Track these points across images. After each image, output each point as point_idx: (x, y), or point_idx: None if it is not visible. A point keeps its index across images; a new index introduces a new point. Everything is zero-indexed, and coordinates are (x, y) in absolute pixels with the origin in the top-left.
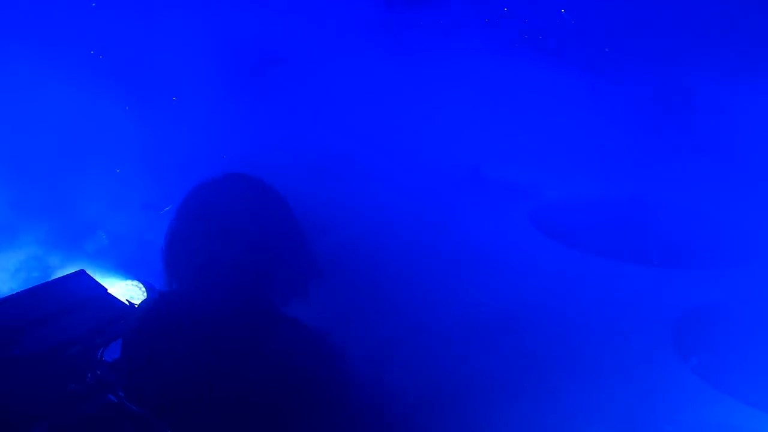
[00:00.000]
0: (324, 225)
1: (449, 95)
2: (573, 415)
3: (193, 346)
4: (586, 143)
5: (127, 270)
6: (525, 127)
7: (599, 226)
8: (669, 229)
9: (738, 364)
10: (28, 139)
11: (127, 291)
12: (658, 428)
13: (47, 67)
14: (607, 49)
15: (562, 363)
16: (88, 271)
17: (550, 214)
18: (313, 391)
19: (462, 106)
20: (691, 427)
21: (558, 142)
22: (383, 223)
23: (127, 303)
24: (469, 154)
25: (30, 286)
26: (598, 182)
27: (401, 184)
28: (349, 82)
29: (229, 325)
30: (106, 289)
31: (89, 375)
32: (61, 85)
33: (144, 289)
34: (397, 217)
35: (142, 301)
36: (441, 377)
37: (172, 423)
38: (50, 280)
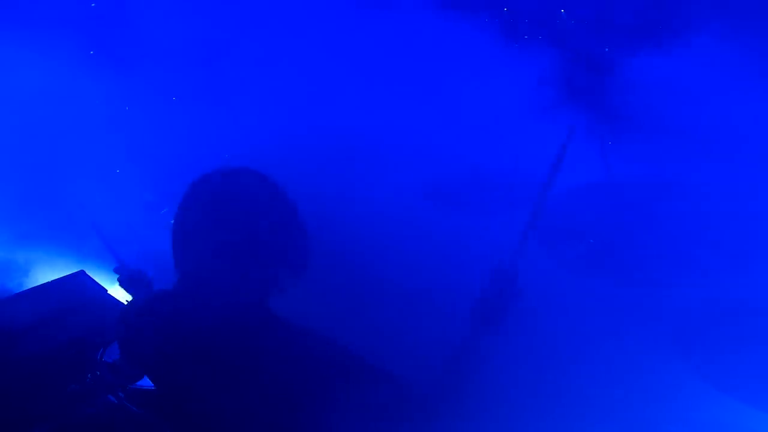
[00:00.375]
0: (321, 222)
1: (449, 94)
2: (575, 416)
3: (192, 346)
4: (585, 143)
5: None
6: (525, 126)
7: (599, 226)
8: (669, 229)
9: (739, 364)
10: (28, 139)
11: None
12: (659, 428)
13: (46, 67)
14: (607, 49)
15: (563, 364)
16: (88, 271)
17: (550, 214)
18: (312, 391)
19: (462, 105)
20: (694, 428)
21: (558, 142)
22: (382, 222)
23: (127, 303)
24: (470, 153)
25: (30, 286)
26: (598, 182)
27: (401, 183)
28: (348, 81)
29: (227, 324)
30: (106, 289)
31: (89, 375)
32: (62, 85)
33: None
34: (396, 217)
35: (137, 297)
36: (443, 378)
37: (172, 423)
38: (50, 280)
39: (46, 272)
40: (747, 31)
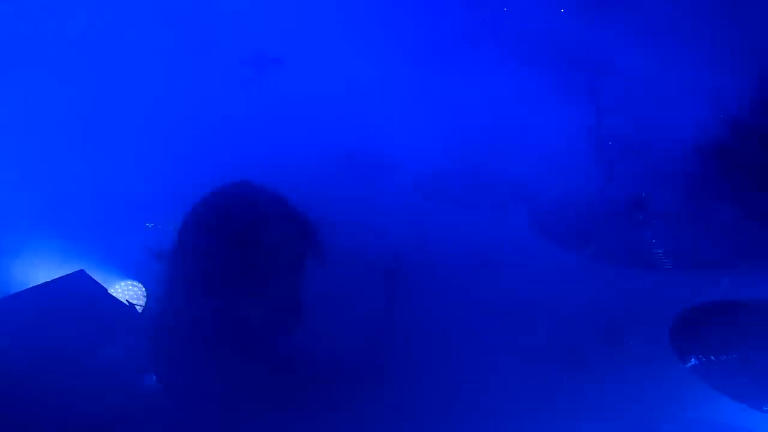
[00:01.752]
0: (321, 225)
1: (449, 94)
2: (572, 415)
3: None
4: (586, 142)
5: (127, 270)
6: (525, 126)
7: (599, 225)
8: (669, 229)
9: (738, 364)
10: (30, 140)
11: (127, 291)
12: (657, 428)
13: (44, 67)
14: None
15: (561, 362)
16: (88, 271)
17: (550, 214)
18: (317, 392)
19: (462, 105)
20: (690, 427)
21: (558, 141)
22: (382, 223)
23: (127, 303)
24: (469, 154)
25: (30, 286)
26: (598, 181)
27: (400, 184)
28: (347, 82)
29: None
30: (106, 290)
31: (90, 374)
32: (60, 83)
33: (144, 290)
34: (396, 218)
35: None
36: (441, 377)
37: (173, 423)
38: (50, 280)
39: (47, 272)
40: None
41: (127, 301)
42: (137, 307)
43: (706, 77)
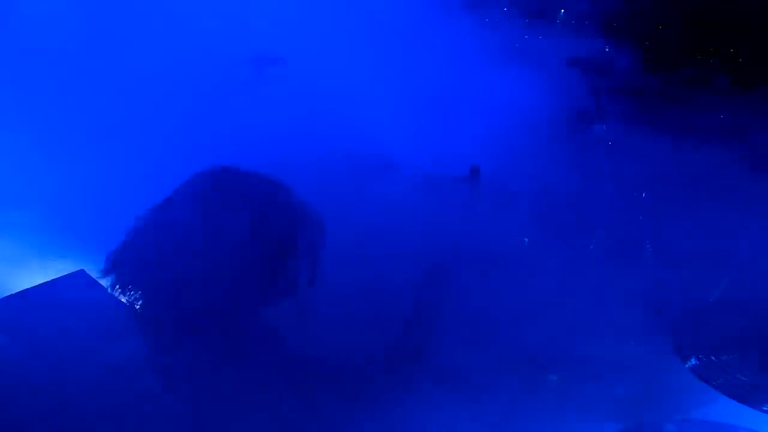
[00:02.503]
0: (323, 226)
1: (448, 95)
2: (573, 414)
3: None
4: (585, 141)
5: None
6: (524, 126)
7: (599, 225)
8: (669, 228)
9: (738, 364)
10: (29, 140)
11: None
12: (658, 428)
13: (44, 66)
14: (607, 49)
15: (562, 362)
16: (88, 271)
17: (549, 214)
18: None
19: (461, 106)
20: (690, 427)
21: (558, 141)
22: (382, 224)
23: (127, 303)
24: (469, 153)
25: (30, 286)
26: (598, 181)
27: (400, 184)
28: (347, 82)
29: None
30: (106, 289)
31: (91, 375)
32: (62, 86)
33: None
34: (395, 218)
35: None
36: (443, 376)
37: (173, 424)
38: (50, 280)
39: (47, 272)
40: None
41: (127, 301)
42: (137, 307)
43: None
